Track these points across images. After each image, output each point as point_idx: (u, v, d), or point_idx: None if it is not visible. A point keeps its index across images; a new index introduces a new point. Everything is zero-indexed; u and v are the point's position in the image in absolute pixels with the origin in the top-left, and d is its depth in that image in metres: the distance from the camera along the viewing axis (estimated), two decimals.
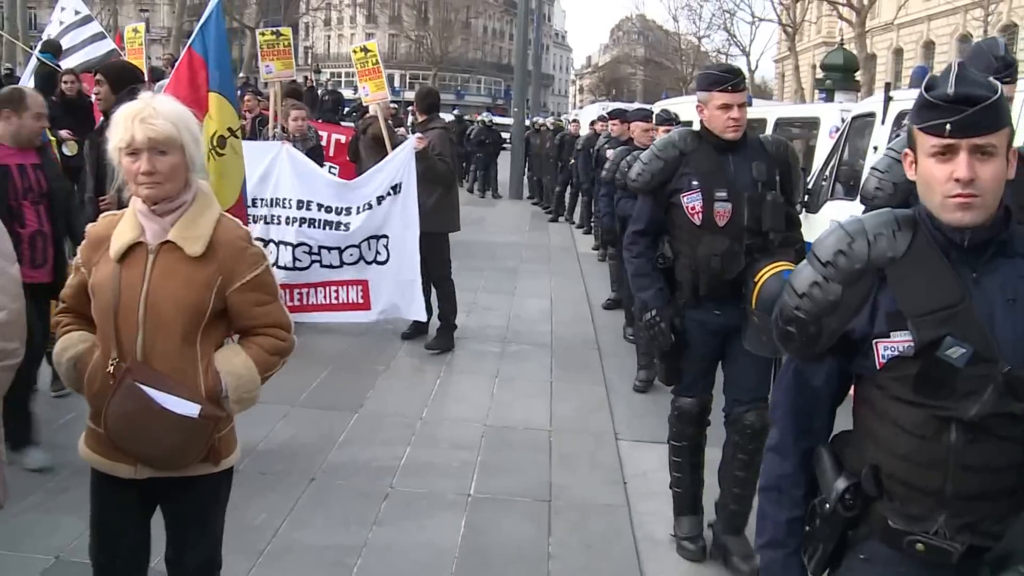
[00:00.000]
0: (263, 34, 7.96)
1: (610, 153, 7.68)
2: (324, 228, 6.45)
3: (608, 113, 10.96)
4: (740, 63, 56.93)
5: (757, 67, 42.82)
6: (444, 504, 4.09)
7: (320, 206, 6.44)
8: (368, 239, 6.43)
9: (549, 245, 12.98)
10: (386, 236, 6.39)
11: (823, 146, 9.08)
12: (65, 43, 9.44)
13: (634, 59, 74.33)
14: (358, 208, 6.41)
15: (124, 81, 4.43)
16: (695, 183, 3.42)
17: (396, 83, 69.37)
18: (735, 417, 3.55)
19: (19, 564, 3.34)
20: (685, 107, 14.94)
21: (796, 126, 10.69)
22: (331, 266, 6.47)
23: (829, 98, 11.27)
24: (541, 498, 4.21)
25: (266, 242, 6.29)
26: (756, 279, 3.27)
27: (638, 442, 5.07)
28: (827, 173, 7.49)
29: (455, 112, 26.30)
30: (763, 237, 3.42)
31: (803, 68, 39.10)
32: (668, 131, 5.21)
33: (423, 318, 6.58)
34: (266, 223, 6.52)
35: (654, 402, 5.80)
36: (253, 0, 40.03)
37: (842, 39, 24.64)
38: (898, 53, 37.76)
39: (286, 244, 6.46)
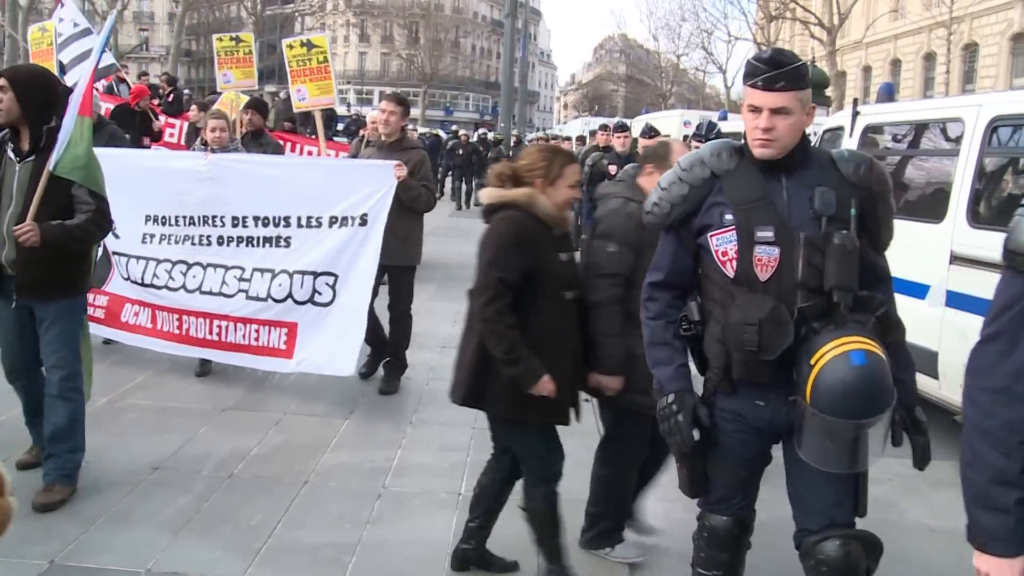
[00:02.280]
0: (220, 40, 7.12)
1: (612, 170, 7.22)
2: (263, 246, 5.51)
3: (614, 125, 10.66)
4: (717, 80, 57.64)
5: (733, 84, 43.31)
6: (436, 503, 4.16)
7: (257, 219, 5.51)
8: (306, 274, 5.38)
9: None
10: (333, 274, 5.33)
11: None
12: (65, 57, 9.38)
13: (616, 76, 75.44)
14: (300, 220, 5.41)
15: (34, 90, 3.83)
16: (729, 218, 2.44)
17: None
18: (806, 549, 2.51)
19: (12, 570, 3.36)
20: (663, 122, 15.18)
21: None
22: (257, 298, 5.46)
23: None
24: None
25: (172, 263, 5.72)
26: (813, 360, 2.26)
27: None
28: None
29: (452, 128, 26.56)
30: (826, 298, 2.35)
31: None
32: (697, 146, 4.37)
33: (349, 373, 5.35)
34: (172, 242, 5.75)
35: None
36: (250, 20, 40.16)
37: (814, 57, 25.11)
38: (867, 70, 38.51)
39: (215, 266, 5.62)
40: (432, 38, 62.11)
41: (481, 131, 23.84)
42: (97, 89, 10.34)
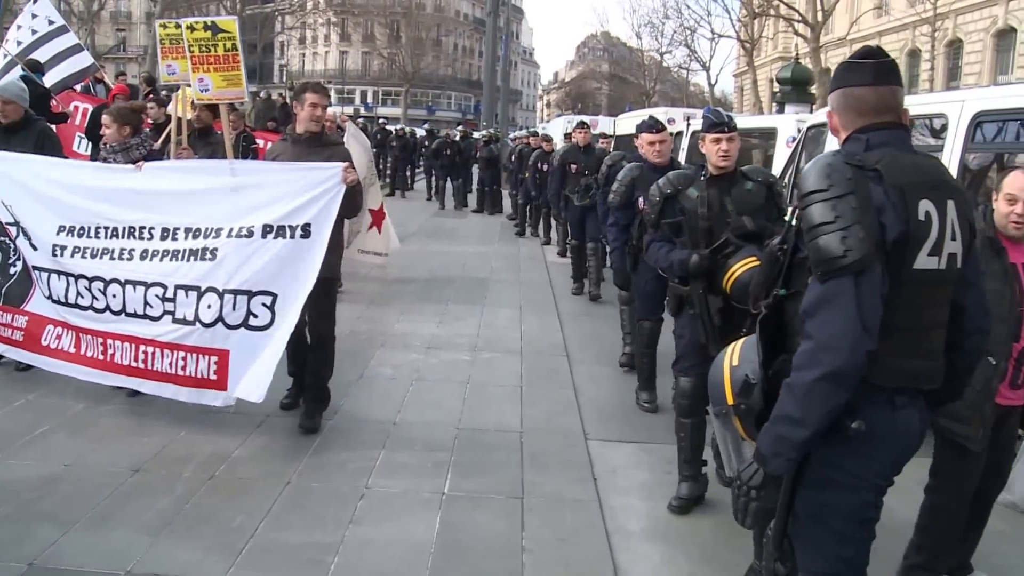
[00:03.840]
0: (164, 26, 6.15)
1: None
2: (188, 260, 4.82)
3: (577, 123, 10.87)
4: (701, 78, 57.75)
5: (717, 81, 43.53)
6: (419, 502, 4.15)
7: (189, 231, 4.86)
8: (239, 293, 4.68)
9: (519, 255, 13.13)
10: (272, 294, 4.64)
11: (781, 155, 9.35)
12: (42, 55, 9.27)
13: (599, 74, 75.73)
14: (232, 231, 4.74)
15: None
16: None
17: (369, 99, 70.44)
18: None
19: None
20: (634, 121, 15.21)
21: (754, 136, 10.97)
22: (184, 321, 4.77)
23: (780, 110, 11.58)
24: (514, 495, 4.28)
25: (91, 279, 5.08)
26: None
27: (607, 441, 5.19)
28: (785, 180, 7.71)
29: (425, 127, 26.49)
30: None
31: (761, 82, 39.83)
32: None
33: (258, 399, 4.60)
34: (87, 256, 5.12)
35: (622, 403, 5.94)
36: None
37: (797, 54, 25.23)
38: None
39: (134, 283, 4.94)
40: (414, 37, 61.96)
41: (459, 128, 23.80)
42: (74, 89, 10.28)
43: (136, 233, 5.00)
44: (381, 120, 28.51)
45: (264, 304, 4.64)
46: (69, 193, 5.23)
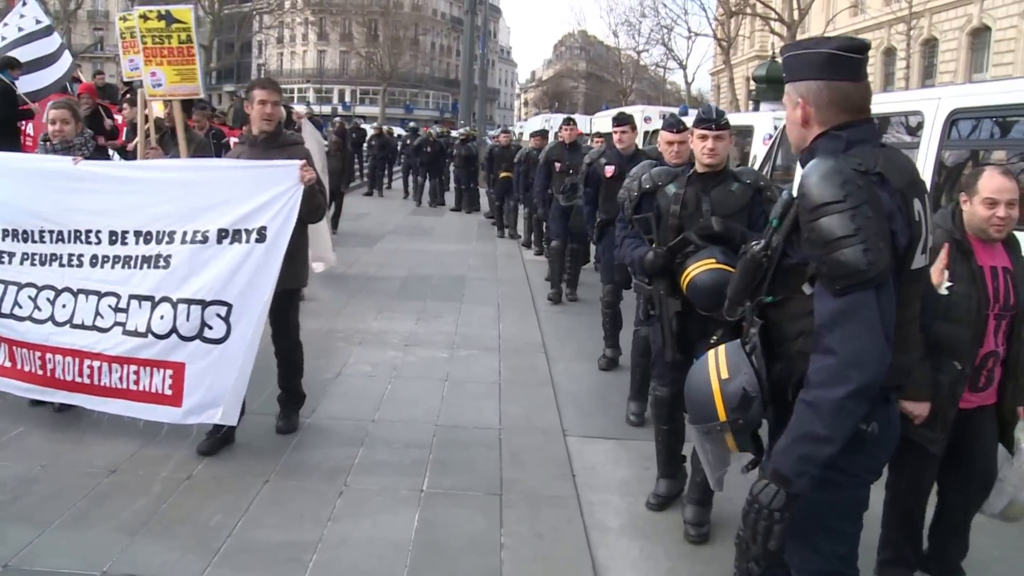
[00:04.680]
0: (124, 19, 5.60)
1: (610, 170, 6.75)
2: (141, 267, 4.54)
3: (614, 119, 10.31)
4: (677, 76, 57.90)
5: (694, 80, 43.75)
6: (398, 500, 4.15)
7: (139, 235, 4.56)
8: (192, 303, 4.41)
9: (496, 253, 13.14)
10: (226, 304, 4.36)
11: (758, 151, 9.42)
12: (25, 55, 9.11)
13: (576, 73, 75.91)
14: (185, 235, 4.46)
15: None
16: None
17: (347, 98, 70.42)
18: None
19: None
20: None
21: (732, 133, 11.02)
22: (136, 333, 4.48)
23: (756, 108, 11.66)
24: (492, 492, 4.29)
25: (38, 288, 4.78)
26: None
27: (586, 438, 5.22)
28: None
29: (411, 125, 26.41)
30: None
31: (737, 80, 40.16)
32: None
33: (235, 422, 4.52)
34: (36, 263, 4.82)
35: (601, 400, 5.97)
36: (208, 19, 39.67)
37: (774, 53, 25.38)
38: None
39: (87, 293, 4.67)
40: (391, 36, 61.80)
41: (436, 126, 23.81)
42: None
43: (83, 237, 4.70)
44: (356, 119, 28.40)
45: (218, 315, 4.38)
46: (10, 188, 4.89)
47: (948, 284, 3.12)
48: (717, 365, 2.27)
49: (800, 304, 2.14)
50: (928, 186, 5.02)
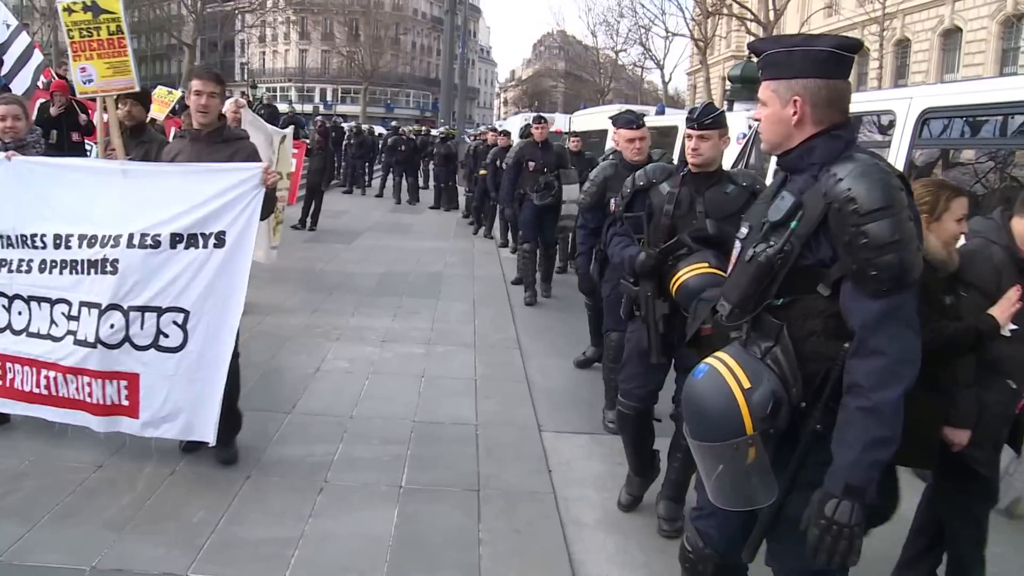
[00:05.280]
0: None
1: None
2: (88, 272, 4.28)
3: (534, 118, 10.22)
4: (655, 76, 58.19)
5: (671, 79, 44.02)
6: (377, 496, 4.23)
7: (83, 239, 4.30)
8: (147, 310, 4.18)
9: (473, 250, 13.23)
10: (183, 311, 4.16)
11: (731, 150, 9.54)
12: (10, 58, 9.09)
13: (555, 72, 76.17)
14: (133, 239, 4.18)
15: None
16: None
17: (328, 97, 70.38)
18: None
19: None
20: (599, 117, 15.38)
21: (723, 134, 11.11)
22: (85, 342, 4.24)
23: (730, 107, 11.78)
24: (470, 487, 4.39)
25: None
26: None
27: (561, 433, 5.34)
28: None
29: (393, 123, 26.46)
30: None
31: (714, 80, 40.42)
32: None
33: (211, 440, 4.22)
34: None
35: (575, 396, 6.09)
36: (191, 18, 39.34)
37: (750, 54, 25.53)
38: None
39: (39, 300, 4.43)
40: (372, 35, 62.05)
41: (415, 125, 23.89)
42: (37, 86, 10.17)
43: (28, 241, 4.43)
44: (336, 117, 28.33)
45: (175, 322, 4.17)
46: None
47: (1012, 328, 3.01)
48: (734, 375, 2.16)
49: (811, 305, 2.14)
50: None
